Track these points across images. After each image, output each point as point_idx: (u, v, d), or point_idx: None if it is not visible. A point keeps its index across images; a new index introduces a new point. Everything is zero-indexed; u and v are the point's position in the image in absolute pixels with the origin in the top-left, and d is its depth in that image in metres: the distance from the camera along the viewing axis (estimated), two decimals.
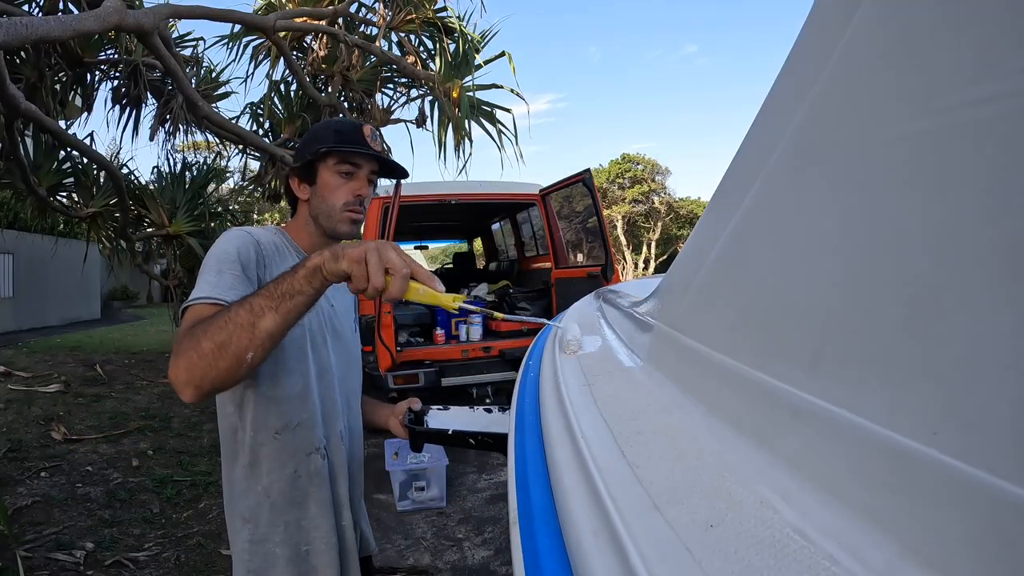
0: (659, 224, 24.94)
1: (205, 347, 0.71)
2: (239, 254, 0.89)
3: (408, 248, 10.29)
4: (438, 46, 4.33)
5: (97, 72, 3.95)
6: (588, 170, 3.94)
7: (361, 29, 4.46)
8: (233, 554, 0.96)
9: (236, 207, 6.66)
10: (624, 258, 23.24)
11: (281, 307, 0.72)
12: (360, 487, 1.12)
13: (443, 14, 4.39)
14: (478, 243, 8.24)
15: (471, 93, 4.24)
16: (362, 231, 4.50)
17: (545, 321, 1.02)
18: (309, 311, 0.76)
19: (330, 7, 3.82)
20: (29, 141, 3.88)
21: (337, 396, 1.03)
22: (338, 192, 0.99)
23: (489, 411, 1.06)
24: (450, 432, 0.98)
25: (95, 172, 3.93)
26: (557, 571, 0.34)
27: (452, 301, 0.70)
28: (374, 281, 0.68)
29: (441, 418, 1.06)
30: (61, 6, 3.16)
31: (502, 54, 4.49)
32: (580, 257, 5.20)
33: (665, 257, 24.84)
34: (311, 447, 0.97)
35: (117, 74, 3.98)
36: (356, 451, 1.10)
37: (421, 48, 4.47)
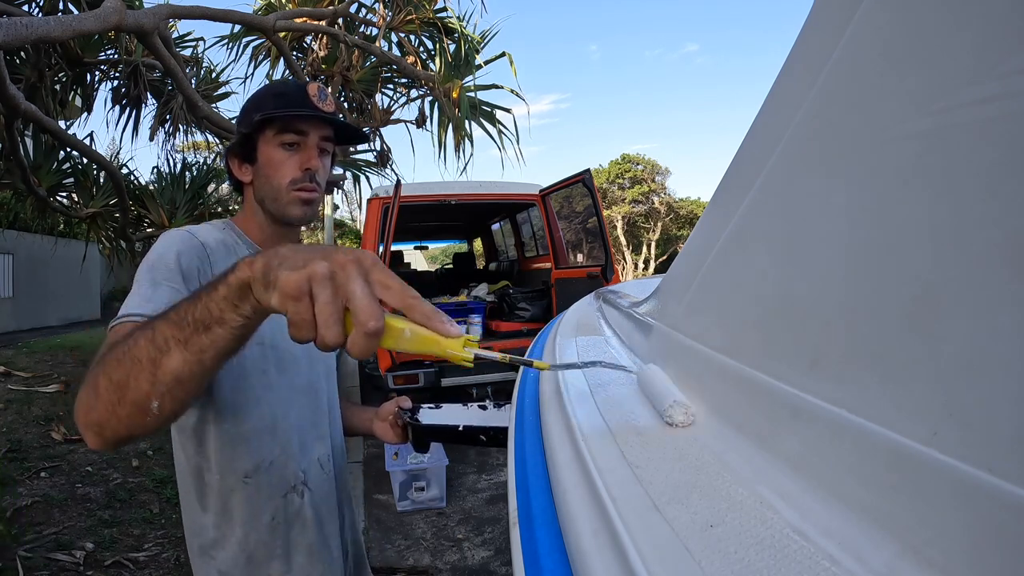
0: (659, 224, 24.94)
1: (102, 385, 0.52)
2: (179, 261, 0.72)
3: (407, 248, 10.12)
4: (438, 46, 4.34)
5: (97, 72, 3.95)
6: (588, 170, 3.94)
7: (361, 29, 4.46)
8: None
9: (236, 207, 6.66)
10: (624, 258, 23.24)
11: (193, 341, 0.47)
12: (352, 511, 0.98)
13: (443, 14, 4.40)
14: (478, 243, 8.24)
15: (471, 93, 4.24)
16: (361, 230, 4.50)
17: (584, 364, 0.63)
18: (243, 349, 0.51)
19: (330, 7, 3.82)
20: (29, 141, 3.88)
21: (317, 417, 0.88)
22: (283, 168, 0.81)
23: (484, 408, 0.97)
24: (460, 428, 0.87)
25: (95, 172, 3.93)
26: (557, 571, 0.34)
27: (462, 348, 0.44)
28: (324, 334, 0.41)
29: (434, 417, 0.95)
30: (61, 6, 3.16)
31: (502, 54, 4.49)
32: (580, 257, 5.20)
33: (665, 257, 24.85)
34: (287, 486, 0.82)
35: (117, 74, 3.98)
36: (342, 470, 0.95)
37: (421, 48, 4.47)
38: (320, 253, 0.43)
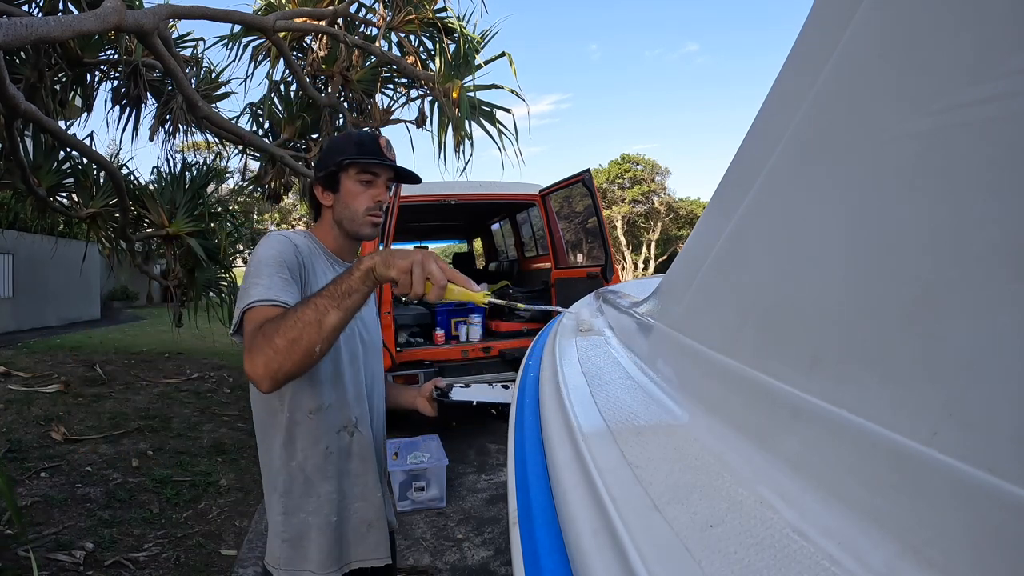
0: (659, 224, 24.94)
1: (279, 343, 0.80)
2: (283, 258, 0.98)
3: (407, 248, 10.29)
4: (438, 46, 4.33)
5: (97, 72, 3.95)
6: (588, 170, 3.94)
7: (361, 29, 4.45)
8: (269, 526, 1.06)
9: (236, 207, 6.66)
10: (624, 258, 23.24)
11: (342, 304, 0.83)
12: (384, 463, 1.22)
13: (443, 14, 4.39)
14: (478, 243, 8.24)
15: (471, 93, 4.24)
16: None
17: (561, 309, 1.22)
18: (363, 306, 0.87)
19: (330, 7, 3.82)
20: (29, 141, 3.87)
21: (363, 380, 1.13)
22: (360, 199, 1.09)
23: (506, 387, 1.24)
24: (474, 403, 1.13)
25: (95, 172, 3.92)
26: (557, 571, 0.34)
27: (483, 297, 0.87)
28: (416, 289, 0.83)
29: (463, 394, 1.20)
30: (61, 6, 3.16)
31: (502, 54, 4.48)
32: (580, 257, 5.20)
33: (665, 257, 24.84)
34: (340, 425, 1.07)
35: (117, 74, 3.98)
36: (380, 430, 1.20)
37: (421, 48, 4.46)
38: (407, 252, 0.84)
